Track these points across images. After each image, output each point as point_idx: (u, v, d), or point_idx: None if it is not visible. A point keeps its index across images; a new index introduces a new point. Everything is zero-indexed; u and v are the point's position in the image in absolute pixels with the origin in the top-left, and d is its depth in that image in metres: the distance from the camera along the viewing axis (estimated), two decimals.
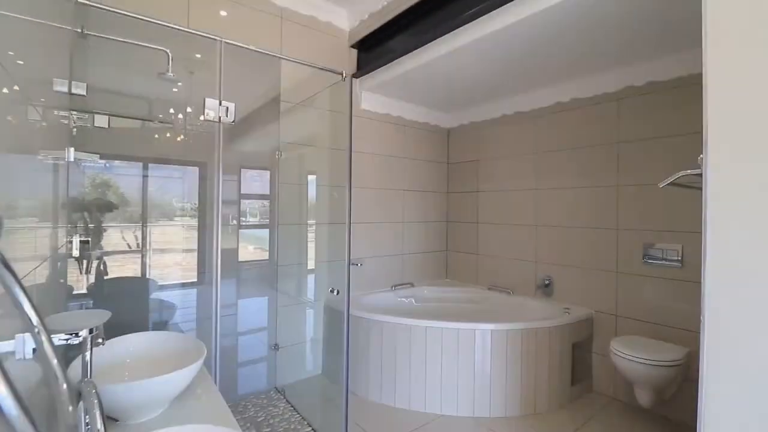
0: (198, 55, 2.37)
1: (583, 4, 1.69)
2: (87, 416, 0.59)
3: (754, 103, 0.82)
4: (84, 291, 1.90)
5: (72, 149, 1.37)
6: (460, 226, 3.51)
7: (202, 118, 2.41)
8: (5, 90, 0.70)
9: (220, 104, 1.46)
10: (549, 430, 2.08)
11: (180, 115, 2.36)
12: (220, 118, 1.46)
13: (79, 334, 0.76)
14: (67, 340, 0.73)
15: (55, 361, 0.53)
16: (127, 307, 2.05)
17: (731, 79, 0.87)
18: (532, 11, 1.77)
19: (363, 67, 2.83)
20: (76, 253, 1.74)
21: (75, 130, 1.76)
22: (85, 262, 1.92)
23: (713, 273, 0.91)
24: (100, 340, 1.00)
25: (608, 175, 2.50)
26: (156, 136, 2.26)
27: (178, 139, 2.30)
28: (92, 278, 1.93)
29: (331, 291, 1.91)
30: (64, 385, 0.55)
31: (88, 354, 0.80)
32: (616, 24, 1.87)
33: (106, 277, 1.94)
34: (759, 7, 0.83)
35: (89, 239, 1.84)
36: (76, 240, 1.64)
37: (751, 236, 0.82)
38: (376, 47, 2.74)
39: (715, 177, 0.92)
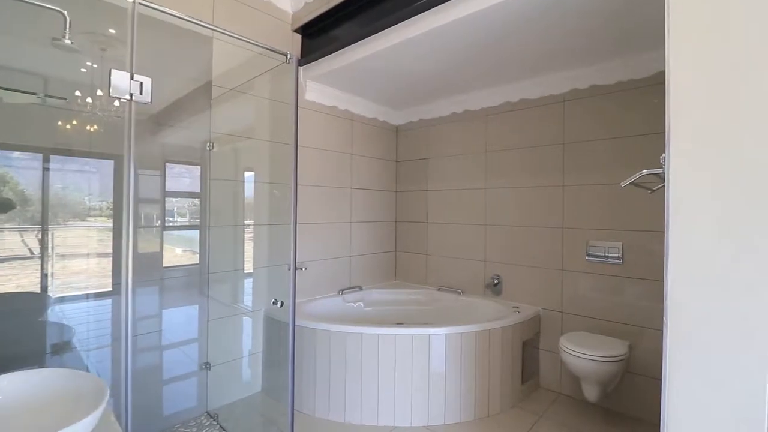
0: (112, 30, 2.04)
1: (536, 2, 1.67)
2: None
3: (715, 104, 0.81)
4: None
5: None
6: (409, 226, 3.42)
7: (117, 103, 2.07)
8: None
9: (132, 78, 1.17)
10: None
11: (89, 99, 2.03)
12: (131, 95, 1.17)
13: None
14: None
15: None
16: (5, 333, 1.63)
17: (693, 78, 0.85)
18: (482, 6, 1.72)
19: (308, 55, 2.60)
20: None
21: None
22: None
23: (675, 272, 0.87)
24: None
25: (554, 174, 2.55)
26: (59, 122, 1.88)
27: (90, 128, 1.96)
28: None
29: (274, 303, 1.68)
30: None
31: None
32: (566, 27, 1.87)
33: None
34: (721, 5, 0.81)
35: None
36: None
37: (713, 234, 0.80)
38: (322, 33, 2.53)
39: (677, 175, 0.88)
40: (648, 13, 1.75)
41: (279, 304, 1.66)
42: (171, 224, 2.26)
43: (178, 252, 2.33)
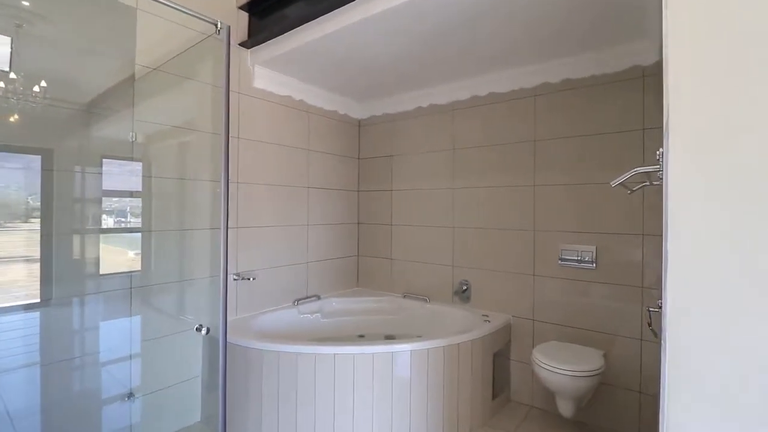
0: (26, 3, 1.72)
1: None
2: None
3: (715, 98, 0.72)
4: None
5: None
6: (372, 228, 3.17)
7: (37, 88, 1.74)
8: None
9: None
10: None
11: (0, 83, 1.75)
12: None
13: None
14: None
15: None
16: None
17: (693, 70, 0.75)
18: None
19: (255, 35, 2.30)
20: None
21: None
22: None
23: (674, 280, 0.76)
24: None
25: (525, 174, 2.39)
26: None
27: (11, 118, 1.75)
28: None
29: (198, 329, 1.37)
30: None
31: None
32: (540, 11, 1.70)
33: None
34: None
35: None
36: None
37: (713, 234, 0.71)
38: (272, 12, 2.24)
39: (677, 172, 0.78)
40: (623, 3, 1.62)
41: (206, 331, 1.35)
42: (116, 226, 2.08)
43: (131, 255, 2.09)
